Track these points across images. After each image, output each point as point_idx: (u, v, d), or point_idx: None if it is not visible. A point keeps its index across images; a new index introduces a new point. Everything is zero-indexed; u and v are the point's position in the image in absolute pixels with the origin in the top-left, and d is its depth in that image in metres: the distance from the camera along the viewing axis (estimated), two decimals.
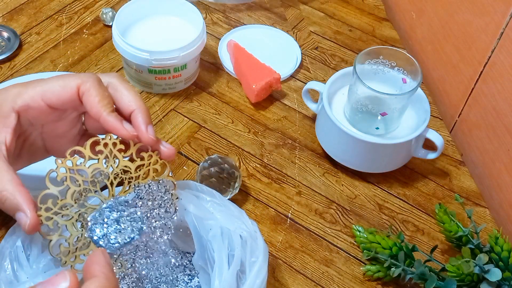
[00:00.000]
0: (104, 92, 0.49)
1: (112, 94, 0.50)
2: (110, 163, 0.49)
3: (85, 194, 0.48)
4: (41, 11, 0.91)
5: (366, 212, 0.70)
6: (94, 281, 0.36)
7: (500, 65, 0.69)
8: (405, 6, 0.93)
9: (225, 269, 0.51)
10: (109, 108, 0.48)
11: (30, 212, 0.44)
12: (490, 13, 0.70)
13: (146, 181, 0.50)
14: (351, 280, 0.63)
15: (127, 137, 0.49)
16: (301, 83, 0.84)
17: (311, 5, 0.96)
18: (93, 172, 0.48)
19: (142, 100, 0.50)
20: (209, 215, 0.54)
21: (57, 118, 0.51)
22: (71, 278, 0.35)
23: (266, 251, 0.52)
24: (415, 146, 0.70)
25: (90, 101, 0.48)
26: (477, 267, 0.57)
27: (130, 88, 0.51)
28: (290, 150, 0.75)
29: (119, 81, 0.51)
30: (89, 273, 0.37)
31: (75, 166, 0.47)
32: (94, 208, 0.48)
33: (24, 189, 0.45)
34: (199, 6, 0.90)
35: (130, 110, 0.49)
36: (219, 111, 0.79)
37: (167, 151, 0.51)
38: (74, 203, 0.47)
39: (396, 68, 0.69)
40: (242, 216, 0.54)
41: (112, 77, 0.51)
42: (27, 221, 0.44)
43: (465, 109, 0.78)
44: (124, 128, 0.48)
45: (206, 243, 0.54)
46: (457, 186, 0.73)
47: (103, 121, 0.48)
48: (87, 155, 0.48)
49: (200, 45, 0.77)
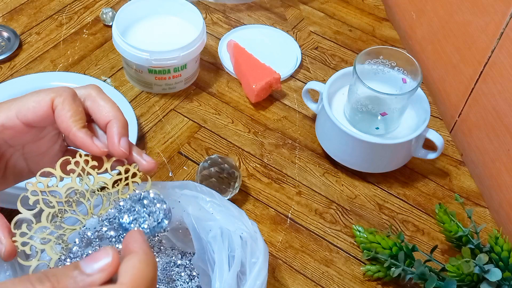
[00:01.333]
0: (77, 108, 0.47)
1: (89, 107, 0.48)
2: (84, 181, 0.47)
3: (61, 215, 0.46)
4: (41, 11, 0.91)
5: (366, 212, 0.70)
6: (133, 256, 0.37)
7: (500, 65, 0.69)
8: (405, 6, 0.93)
9: (226, 271, 0.50)
10: (80, 124, 0.46)
11: (4, 239, 0.43)
12: (490, 13, 0.70)
13: (126, 196, 0.48)
14: (351, 280, 0.63)
15: (97, 154, 0.47)
16: (301, 83, 0.84)
17: (311, 5, 0.96)
18: (67, 192, 0.46)
19: (120, 111, 0.48)
20: (209, 216, 0.54)
21: (36, 137, 0.50)
22: (113, 253, 0.35)
23: (267, 252, 0.52)
24: (415, 146, 0.70)
25: (62, 115, 0.46)
26: (477, 267, 0.57)
27: (108, 100, 0.48)
28: (290, 150, 0.75)
29: (97, 92, 0.49)
30: (128, 250, 0.38)
31: (47, 188, 0.45)
32: (73, 229, 0.47)
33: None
34: (199, 6, 0.90)
35: (106, 121, 0.47)
36: (219, 111, 0.79)
37: (146, 165, 0.48)
38: (50, 226, 0.45)
39: (396, 68, 0.69)
40: (242, 217, 0.54)
41: (91, 89, 0.49)
42: (2, 248, 0.43)
43: (465, 109, 0.78)
44: (94, 144, 0.46)
45: (206, 244, 0.54)
46: (457, 186, 0.73)
47: (73, 137, 0.46)
48: (58, 176, 0.46)
49: (200, 45, 0.77)
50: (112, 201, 0.48)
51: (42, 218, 0.45)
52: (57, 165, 0.46)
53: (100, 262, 0.35)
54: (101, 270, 0.35)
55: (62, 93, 0.46)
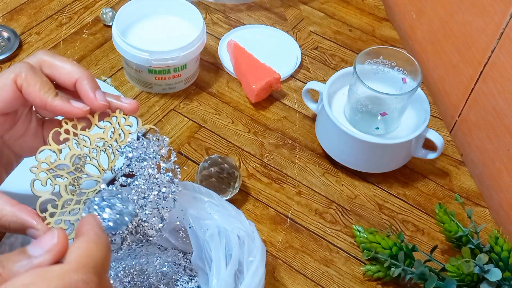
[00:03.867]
0: (41, 78, 0.46)
1: (48, 73, 0.47)
2: (82, 145, 0.47)
3: (77, 183, 0.47)
4: (41, 11, 0.91)
5: (366, 212, 0.70)
6: (82, 237, 0.37)
7: (500, 65, 0.69)
8: (405, 6, 0.93)
9: (223, 268, 0.51)
10: (52, 93, 0.46)
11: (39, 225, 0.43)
12: (490, 13, 0.70)
13: (126, 142, 0.49)
14: (351, 280, 0.63)
15: (81, 115, 0.47)
16: (301, 83, 0.84)
17: (311, 5, 0.96)
18: (72, 160, 0.47)
19: (82, 67, 0.48)
20: (206, 215, 0.54)
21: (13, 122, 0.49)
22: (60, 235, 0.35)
23: (264, 250, 0.52)
24: (415, 146, 0.70)
25: (31, 91, 0.45)
26: (477, 267, 0.57)
27: (65, 60, 0.48)
28: (290, 150, 0.75)
29: (50, 56, 0.48)
30: (80, 232, 0.38)
31: (51, 165, 0.46)
32: (94, 190, 0.47)
33: (22, 206, 0.44)
34: (199, 6, 0.90)
35: (73, 80, 0.47)
36: (219, 111, 0.79)
37: (129, 107, 0.49)
38: (73, 196, 0.46)
39: (396, 68, 0.69)
40: (239, 217, 0.54)
41: (41, 54, 0.48)
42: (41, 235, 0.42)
43: (465, 109, 0.78)
44: (75, 107, 0.46)
45: (203, 243, 0.54)
46: (457, 186, 0.73)
47: (51, 108, 0.46)
48: (56, 149, 0.47)
49: (200, 45, 0.77)
50: (116, 151, 0.49)
51: (61, 192, 0.46)
52: (50, 140, 0.47)
53: (46, 243, 0.35)
54: (48, 251, 0.35)
55: (20, 70, 0.46)
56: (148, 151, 0.49)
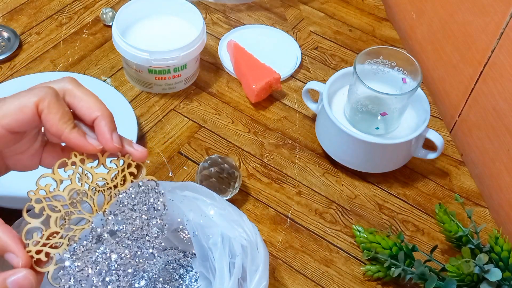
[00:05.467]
0: (63, 108, 0.46)
1: (70, 102, 0.47)
2: (83, 180, 0.47)
3: (67, 217, 0.46)
4: (41, 11, 0.91)
5: (366, 212, 0.70)
6: None
7: (500, 65, 0.69)
8: (405, 6, 0.93)
9: (227, 278, 0.51)
10: (70, 125, 0.46)
11: (19, 251, 0.42)
12: (490, 13, 0.70)
13: (126, 187, 0.49)
14: (351, 280, 0.63)
15: (93, 152, 0.47)
16: (301, 83, 0.84)
17: (311, 5, 0.96)
18: (69, 194, 0.47)
19: (103, 103, 0.48)
20: (210, 222, 0.54)
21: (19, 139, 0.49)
22: None
23: (267, 258, 0.52)
24: (415, 146, 0.70)
25: (50, 119, 0.45)
26: (477, 267, 0.57)
27: (89, 93, 0.48)
28: (290, 150, 0.75)
29: (75, 86, 0.48)
30: None
31: (49, 194, 0.45)
32: (83, 228, 0.47)
33: (8, 228, 0.43)
34: (199, 6, 0.90)
35: (93, 117, 0.47)
36: (219, 111, 0.79)
37: (138, 154, 0.49)
38: (60, 230, 0.46)
39: (396, 68, 0.69)
40: (242, 220, 0.54)
41: (66, 82, 0.48)
42: (19, 262, 0.43)
43: (465, 109, 0.78)
44: (89, 144, 0.46)
45: (207, 251, 0.54)
46: (457, 186, 0.73)
47: (66, 140, 0.46)
48: (58, 179, 0.46)
49: (200, 45, 0.77)
50: (113, 194, 0.48)
51: (51, 223, 0.45)
52: (55, 169, 0.46)
53: None
54: None
55: (45, 96, 0.45)
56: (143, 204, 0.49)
